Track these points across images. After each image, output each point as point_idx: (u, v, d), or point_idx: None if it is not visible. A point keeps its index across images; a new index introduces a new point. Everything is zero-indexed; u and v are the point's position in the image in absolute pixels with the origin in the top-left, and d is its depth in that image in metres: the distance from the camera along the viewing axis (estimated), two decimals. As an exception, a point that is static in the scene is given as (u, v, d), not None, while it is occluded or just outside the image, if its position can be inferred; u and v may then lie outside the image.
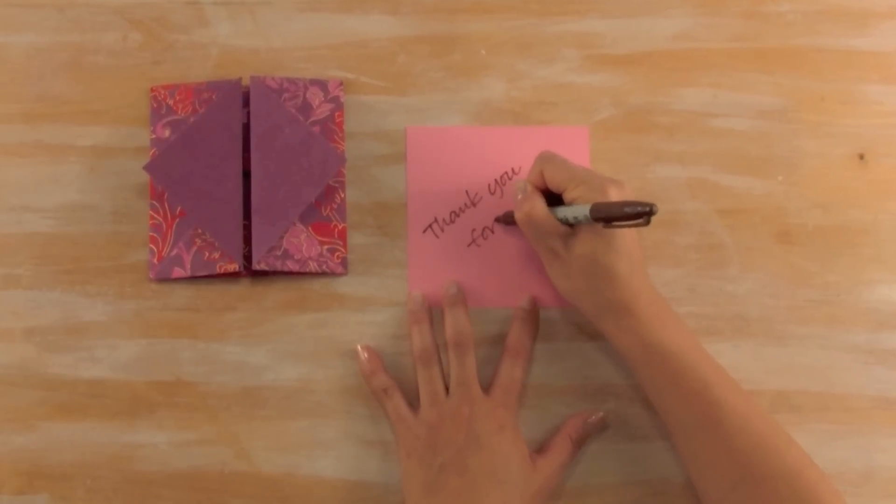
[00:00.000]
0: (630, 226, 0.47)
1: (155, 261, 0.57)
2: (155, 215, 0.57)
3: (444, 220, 0.59)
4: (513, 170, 0.59)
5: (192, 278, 0.57)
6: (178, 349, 0.57)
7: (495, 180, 0.59)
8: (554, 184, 0.52)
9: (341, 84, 0.59)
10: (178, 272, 0.56)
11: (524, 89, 0.60)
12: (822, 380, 0.57)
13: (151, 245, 0.57)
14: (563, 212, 0.51)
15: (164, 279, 0.57)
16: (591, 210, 0.48)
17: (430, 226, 0.58)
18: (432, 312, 0.57)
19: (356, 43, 0.60)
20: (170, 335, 0.57)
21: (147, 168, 0.56)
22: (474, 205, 0.59)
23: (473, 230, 0.59)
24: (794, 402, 0.57)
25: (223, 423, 0.56)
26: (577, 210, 0.49)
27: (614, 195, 0.49)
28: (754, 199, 0.59)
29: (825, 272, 0.59)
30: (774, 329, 0.58)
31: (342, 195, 0.58)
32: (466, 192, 0.59)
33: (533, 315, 0.57)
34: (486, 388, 0.55)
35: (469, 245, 0.58)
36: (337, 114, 0.59)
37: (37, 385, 0.56)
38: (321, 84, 0.59)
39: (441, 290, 0.57)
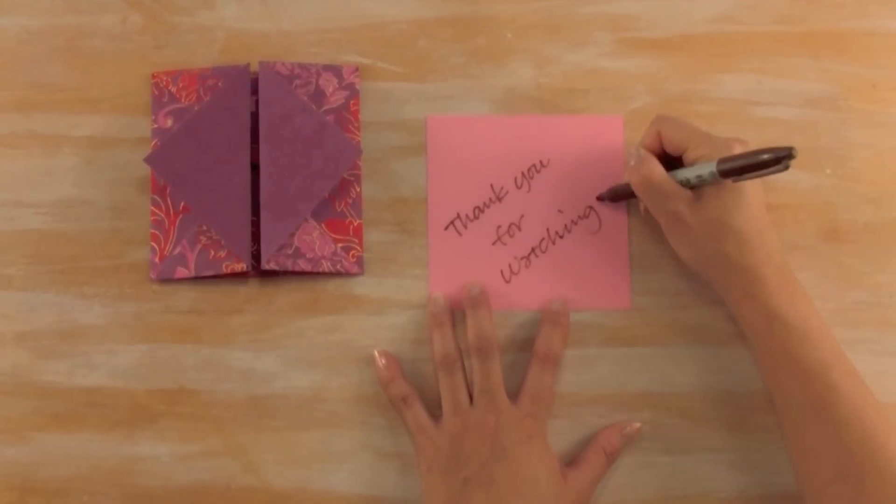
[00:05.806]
0: (766, 174, 0.46)
1: (156, 260, 0.56)
2: (156, 211, 0.57)
3: (467, 216, 0.58)
4: (541, 162, 0.58)
5: (197, 279, 0.56)
6: (182, 355, 0.56)
7: (522, 173, 0.58)
8: (673, 145, 0.52)
9: (357, 70, 0.59)
10: (181, 272, 0.56)
11: (553, 76, 0.59)
12: (873, 387, 0.55)
13: (153, 243, 0.56)
14: (683, 173, 0.51)
15: (167, 279, 0.56)
16: (719, 164, 0.48)
17: (452, 222, 0.58)
18: (454, 315, 0.56)
19: (373, 26, 0.59)
20: (172, 340, 0.56)
21: (148, 160, 0.56)
22: (499, 200, 0.58)
23: (499, 227, 0.58)
24: (844, 411, 0.56)
25: (230, 435, 0.55)
26: (702, 168, 0.49)
27: (740, 152, 0.49)
28: (800, 193, 0.58)
29: (876, 272, 0.58)
30: (822, 333, 0.57)
31: (358, 189, 0.58)
32: (491, 186, 0.58)
33: (563, 318, 0.56)
34: (513, 396, 0.55)
35: (494, 243, 0.57)
36: (352, 102, 0.58)
37: (30, 393, 0.56)
38: (335, 70, 0.58)
39: (464, 291, 0.56)
